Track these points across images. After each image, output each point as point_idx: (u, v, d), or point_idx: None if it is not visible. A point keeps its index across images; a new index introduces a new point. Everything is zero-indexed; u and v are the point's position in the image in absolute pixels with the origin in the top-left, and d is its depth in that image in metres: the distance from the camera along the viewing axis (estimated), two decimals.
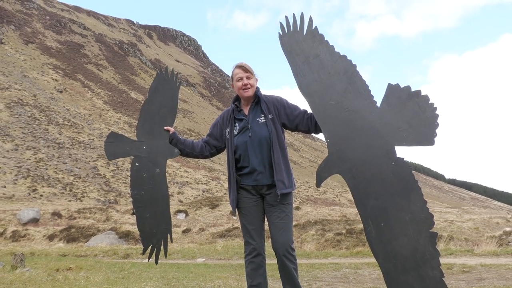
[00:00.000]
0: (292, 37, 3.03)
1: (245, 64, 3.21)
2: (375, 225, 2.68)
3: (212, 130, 3.35)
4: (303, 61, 2.97)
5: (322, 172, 2.84)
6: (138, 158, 3.38)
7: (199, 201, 32.46)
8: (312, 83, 2.93)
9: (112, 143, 3.50)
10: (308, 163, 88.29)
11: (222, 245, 14.10)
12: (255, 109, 3.19)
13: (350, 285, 5.49)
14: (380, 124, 2.76)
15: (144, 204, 3.34)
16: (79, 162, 47.93)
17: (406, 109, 2.73)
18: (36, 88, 70.66)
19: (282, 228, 3.09)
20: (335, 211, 33.22)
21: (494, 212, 42.49)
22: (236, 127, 3.20)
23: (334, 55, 2.91)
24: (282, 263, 3.08)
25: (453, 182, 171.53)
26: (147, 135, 3.40)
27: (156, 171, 3.33)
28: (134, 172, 3.37)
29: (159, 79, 3.48)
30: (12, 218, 25.17)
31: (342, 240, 14.47)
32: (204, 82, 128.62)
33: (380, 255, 2.66)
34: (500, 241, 11.67)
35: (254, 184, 3.14)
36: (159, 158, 3.35)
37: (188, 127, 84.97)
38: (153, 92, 3.47)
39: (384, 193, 2.69)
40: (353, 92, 2.83)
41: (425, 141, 2.69)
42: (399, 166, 2.69)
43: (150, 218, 3.33)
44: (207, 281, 5.86)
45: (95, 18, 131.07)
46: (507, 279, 5.36)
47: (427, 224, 2.59)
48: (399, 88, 2.76)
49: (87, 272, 6.83)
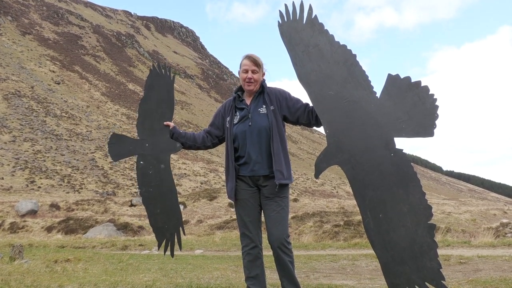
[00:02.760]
0: (291, 26, 2.99)
1: (255, 57, 3.15)
2: (373, 216, 2.68)
3: (214, 119, 3.34)
4: (303, 50, 2.93)
5: (321, 163, 2.83)
6: (142, 156, 3.41)
7: (197, 193, 32.52)
8: (311, 73, 2.90)
9: (115, 144, 3.53)
10: (306, 155, 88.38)
11: (220, 237, 14.12)
12: (258, 99, 3.18)
13: (348, 277, 5.52)
14: (380, 115, 2.74)
15: (153, 201, 3.38)
16: (77, 154, 47.90)
17: (406, 100, 2.70)
18: (33, 79, 70.38)
19: (277, 221, 3.08)
20: (333, 203, 33.33)
21: (491, 204, 42.65)
22: (236, 116, 3.18)
23: (334, 45, 2.86)
24: (277, 256, 3.09)
25: (451, 174, 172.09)
26: (148, 133, 3.42)
27: (161, 167, 3.36)
28: (140, 170, 3.41)
29: (153, 76, 3.47)
30: (10, 209, 25.18)
31: (339, 232, 14.51)
32: (202, 74, 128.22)
33: (378, 246, 2.67)
34: (497, 233, 11.73)
35: (251, 174, 3.12)
36: (162, 154, 3.37)
37: (186, 119, 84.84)
38: (148, 89, 3.46)
39: (383, 184, 2.68)
40: (353, 83, 2.80)
41: (425, 132, 2.67)
42: (398, 157, 2.68)
43: (161, 214, 3.36)
44: (205, 272, 5.87)
45: (92, 9, 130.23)
46: (504, 270, 5.38)
47: (426, 215, 2.58)
48: (399, 78, 2.73)
49: (86, 263, 6.83)
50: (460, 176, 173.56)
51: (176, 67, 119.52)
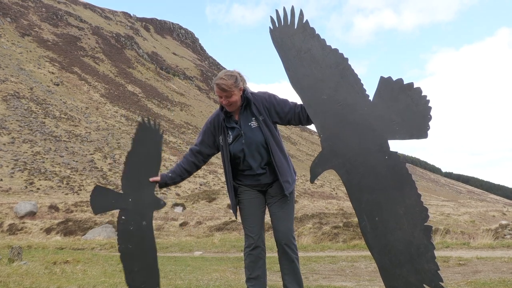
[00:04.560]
0: (283, 31, 2.98)
1: (223, 83, 2.98)
2: (369, 219, 2.67)
3: (203, 137, 3.23)
4: (295, 55, 2.93)
5: (316, 168, 2.82)
6: (124, 211, 3.31)
7: (196, 195, 32.51)
8: (304, 77, 2.89)
9: (97, 197, 3.44)
10: (305, 157, 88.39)
11: (220, 238, 14.13)
12: (245, 112, 3.10)
13: (347, 278, 5.52)
14: (373, 118, 2.73)
15: (132, 258, 3.28)
16: (76, 155, 47.84)
17: (399, 102, 2.70)
18: (32, 81, 70.33)
19: (284, 218, 3.10)
20: (332, 204, 33.35)
21: (490, 206, 42.69)
22: (229, 135, 3.12)
23: (325, 49, 2.86)
24: (283, 252, 3.09)
25: (450, 176, 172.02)
26: (132, 187, 3.33)
27: (143, 223, 3.27)
28: (121, 225, 3.30)
29: (143, 129, 3.37)
30: (9, 211, 25.15)
31: (339, 233, 14.50)
32: (201, 76, 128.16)
33: (375, 249, 2.66)
34: (496, 234, 11.72)
35: (256, 183, 3.15)
36: (145, 210, 3.28)
37: (186, 120, 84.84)
38: (137, 143, 3.37)
39: (378, 187, 2.67)
40: (345, 86, 2.79)
41: (418, 134, 2.67)
42: (393, 160, 2.67)
43: (139, 272, 3.25)
44: (204, 274, 5.87)
45: (91, 10, 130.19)
46: (503, 271, 5.39)
47: (422, 217, 2.58)
48: (392, 81, 2.73)
49: (84, 265, 6.83)
50: (459, 177, 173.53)
51: (175, 69, 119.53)
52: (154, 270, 3.28)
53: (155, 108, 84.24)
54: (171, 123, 78.35)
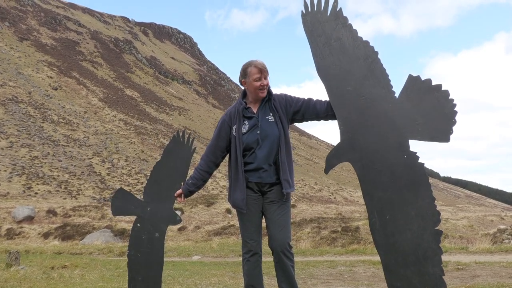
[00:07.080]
0: (314, 17, 2.93)
1: (264, 65, 3.09)
2: (380, 217, 2.64)
3: (219, 130, 3.21)
4: (324, 42, 2.88)
5: (332, 159, 2.79)
6: (140, 219, 3.37)
7: (194, 199, 32.43)
8: (331, 66, 2.85)
9: (119, 199, 3.53)
10: (303, 161, 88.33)
11: (218, 243, 14.10)
12: (265, 107, 3.14)
13: (346, 283, 5.51)
14: (396, 115, 2.69)
15: (138, 267, 3.31)
16: (74, 160, 47.76)
17: (425, 102, 2.66)
18: (31, 85, 70.29)
19: (282, 226, 3.07)
20: (330, 208, 33.36)
21: (489, 210, 42.72)
22: (245, 125, 3.12)
23: (356, 40, 2.82)
24: (279, 260, 3.06)
25: (448, 180, 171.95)
26: (153, 197, 3.38)
27: (155, 235, 3.31)
28: (135, 232, 3.37)
29: (175, 142, 3.42)
30: (6, 216, 25.09)
31: (337, 238, 14.50)
32: (200, 80, 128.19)
33: (382, 247, 2.64)
34: (494, 239, 11.74)
35: (258, 181, 3.10)
36: (160, 223, 3.33)
37: (184, 124, 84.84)
38: (167, 155, 3.42)
39: (393, 186, 2.64)
40: (372, 80, 2.75)
41: (440, 137, 2.63)
42: (411, 160, 2.64)
43: (142, 282, 3.28)
44: (202, 278, 5.86)
45: (90, 15, 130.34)
46: (501, 276, 5.39)
47: (433, 221, 2.55)
48: (420, 80, 2.68)
49: (82, 270, 6.81)
50: (458, 182, 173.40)
51: (173, 73, 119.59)
52: (156, 284, 3.30)
53: (153, 113, 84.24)
54: (170, 128, 78.32)
